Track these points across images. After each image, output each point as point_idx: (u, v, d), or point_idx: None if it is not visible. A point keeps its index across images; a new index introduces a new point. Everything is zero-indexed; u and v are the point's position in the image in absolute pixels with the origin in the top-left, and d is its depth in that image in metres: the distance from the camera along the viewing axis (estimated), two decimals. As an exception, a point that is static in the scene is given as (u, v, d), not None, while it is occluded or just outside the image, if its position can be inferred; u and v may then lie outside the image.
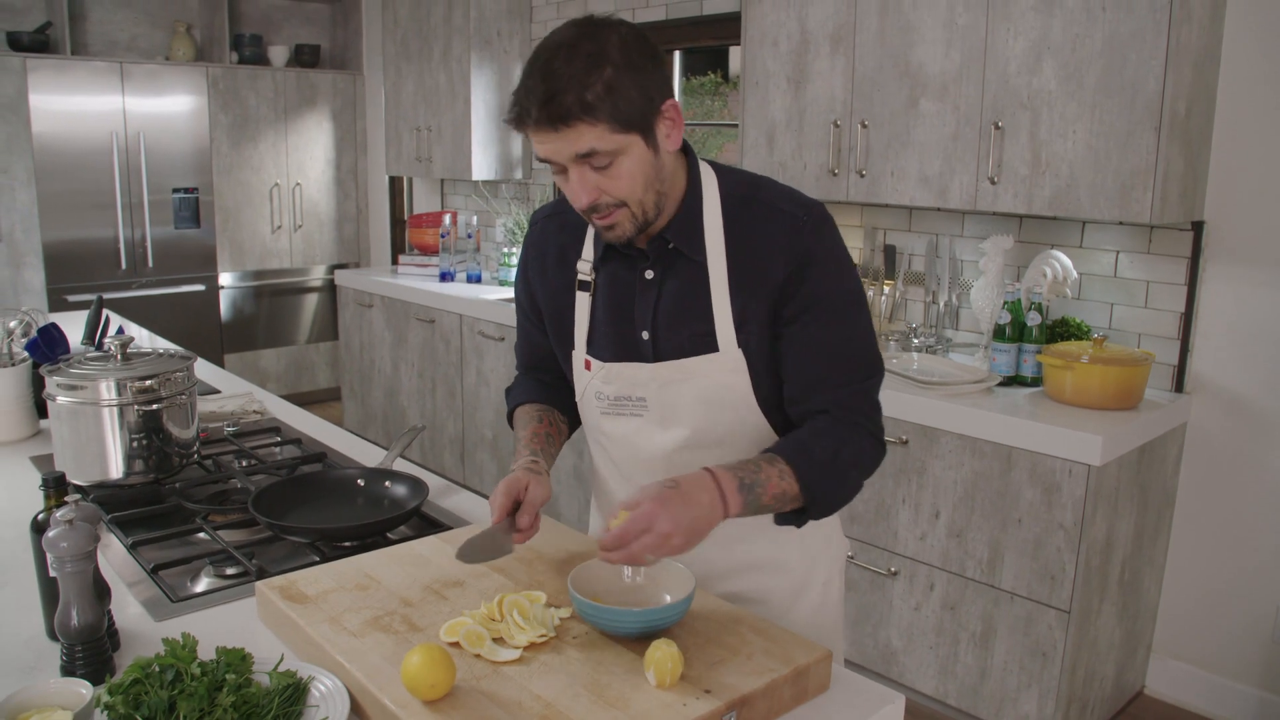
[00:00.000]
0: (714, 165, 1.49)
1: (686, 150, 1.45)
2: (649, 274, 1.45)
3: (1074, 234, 3.13)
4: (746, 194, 1.45)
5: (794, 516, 1.39)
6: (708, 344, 1.43)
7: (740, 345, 1.42)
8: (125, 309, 5.06)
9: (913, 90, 3.04)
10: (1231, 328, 2.88)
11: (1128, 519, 2.77)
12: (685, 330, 1.43)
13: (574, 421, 1.68)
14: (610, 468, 1.60)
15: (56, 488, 1.35)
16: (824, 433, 1.38)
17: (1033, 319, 2.97)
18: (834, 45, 3.23)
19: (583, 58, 1.25)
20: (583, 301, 1.52)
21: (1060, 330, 3.07)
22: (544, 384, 1.68)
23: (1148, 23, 2.53)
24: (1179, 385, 2.97)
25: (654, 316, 1.45)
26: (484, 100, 4.93)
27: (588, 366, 1.52)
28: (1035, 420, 2.66)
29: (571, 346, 1.55)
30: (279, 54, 6.09)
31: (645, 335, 1.46)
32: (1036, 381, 2.97)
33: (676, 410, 1.46)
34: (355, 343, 5.45)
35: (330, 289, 6.41)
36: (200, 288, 5.83)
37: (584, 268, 1.51)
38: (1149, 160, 2.57)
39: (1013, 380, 3.01)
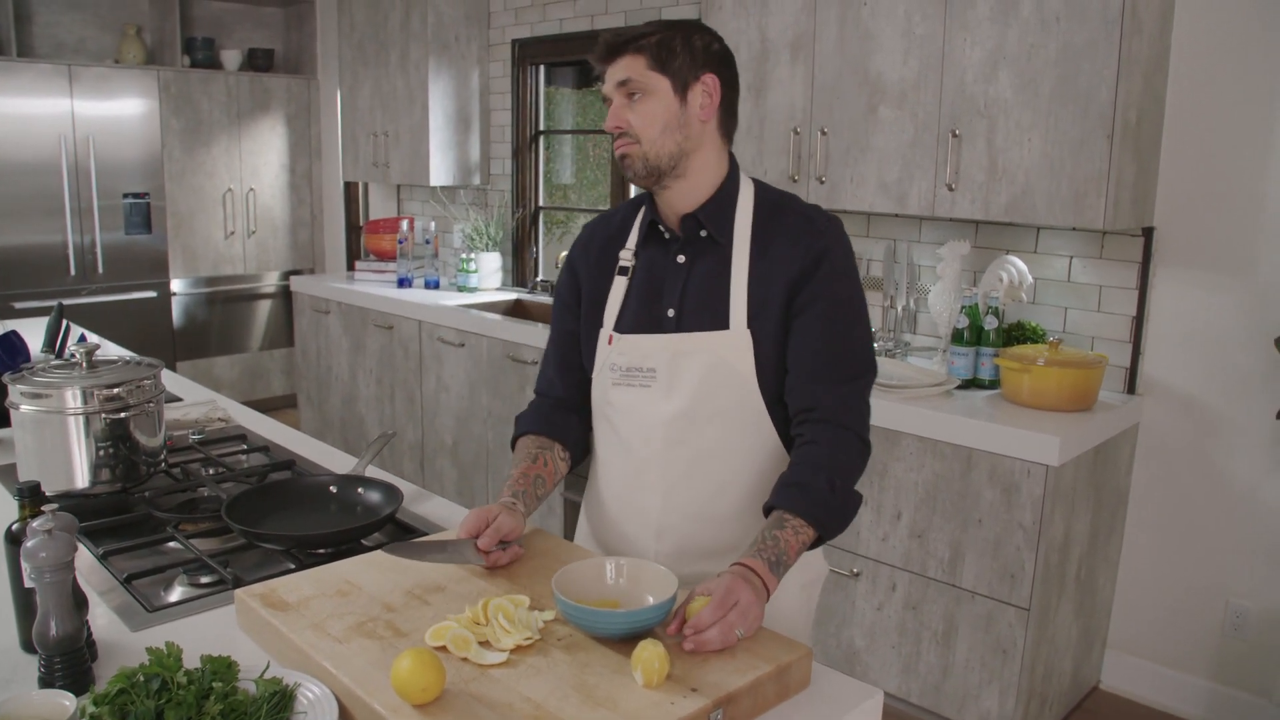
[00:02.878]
0: (755, 179, 1.67)
1: (732, 158, 1.64)
2: (680, 258, 1.61)
3: (1029, 239, 3.20)
4: (778, 200, 1.63)
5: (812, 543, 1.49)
6: (722, 322, 1.55)
7: (750, 328, 1.54)
8: (75, 316, 4.94)
9: (871, 98, 3.09)
10: (1181, 330, 2.96)
11: (1084, 518, 2.83)
12: (707, 310, 1.58)
13: (576, 456, 1.75)
14: (613, 439, 1.67)
15: (32, 497, 1.33)
16: (816, 463, 1.48)
17: (990, 323, 3.03)
18: (794, 53, 3.27)
19: (660, 25, 1.55)
20: (619, 285, 1.66)
21: (1016, 334, 3.13)
22: (555, 411, 1.74)
23: (1100, 34, 2.60)
24: (1131, 387, 3.05)
25: (681, 296, 1.59)
26: (442, 105, 4.91)
27: (610, 341, 1.64)
28: (994, 422, 2.71)
29: (600, 326, 1.67)
30: (232, 58, 6.02)
31: (671, 312, 1.60)
32: (994, 384, 3.04)
33: (681, 380, 1.57)
34: (312, 349, 5.40)
35: (284, 295, 6.34)
36: (152, 294, 5.74)
37: (626, 255, 1.67)
38: (1101, 167, 2.64)
39: (971, 383, 3.06)
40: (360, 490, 1.90)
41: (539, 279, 5.00)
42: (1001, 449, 2.67)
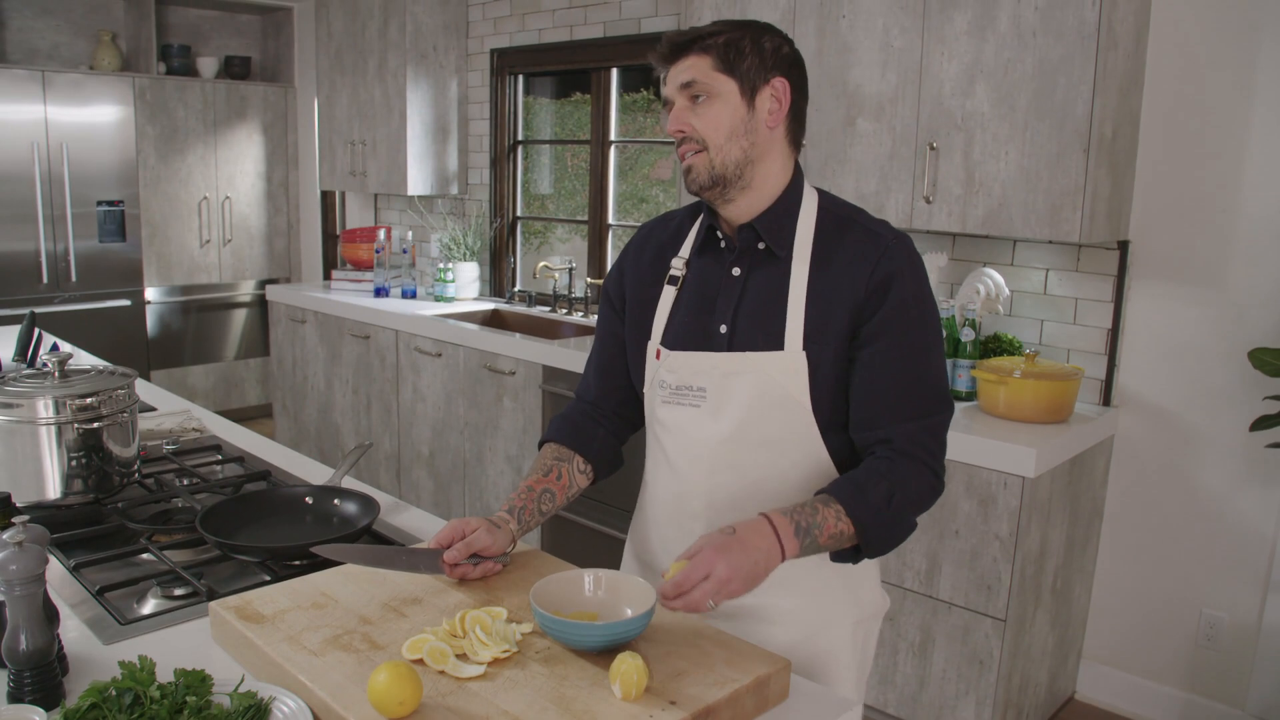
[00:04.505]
0: (820, 190, 1.58)
1: (798, 167, 1.56)
2: (736, 271, 1.52)
3: (1005, 252, 3.22)
4: (843, 214, 1.53)
5: (850, 554, 1.43)
6: (776, 343, 1.47)
7: (806, 350, 1.45)
8: (47, 324, 4.90)
9: (850, 110, 3.11)
10: (1155, 343, 2.99)
11: (1059, 529, 2.85)
12: (760, 328, 1.48)
13: (600, 469, 1.69)
14: (661, 459, 1.60)
15: (2, 509, 1.31)
16: (882, 473, 1.40)
17: (967, 335, 3.05)
18: (773, 66, 3.28)
19: (726, 25, 1.47)
20: (668, 295, 1.59)
21: (993, 346, 3.15)
22: (585, 420, 1.69)
23: (1076, 49, 2.62)
24: (1107, 399, 3.07)
25: (735, 311, 1.51)
26: (420, 114, 4.90)
27: (658, 356, 1.57)
28: (971, 434, 2.72)
29: (647, 337, 1.60)
30: (208, 65, 5.99)
31: (723, 329, 1.51)
32: (971, 396, 3.05)
33: (730, 402, 1.49)
34: (288, 359, 5.37)
35: (260, 304, 6.30)
36: (126, 303, 5.69)
37: (678, 264, 1.59)
38: (1078, 181, 2.66)
39: (948, 394, 3.07)
40: (336, 501, 1.88)
41: (516, 289, 5.00)
42: (978, 461, 2.69)
